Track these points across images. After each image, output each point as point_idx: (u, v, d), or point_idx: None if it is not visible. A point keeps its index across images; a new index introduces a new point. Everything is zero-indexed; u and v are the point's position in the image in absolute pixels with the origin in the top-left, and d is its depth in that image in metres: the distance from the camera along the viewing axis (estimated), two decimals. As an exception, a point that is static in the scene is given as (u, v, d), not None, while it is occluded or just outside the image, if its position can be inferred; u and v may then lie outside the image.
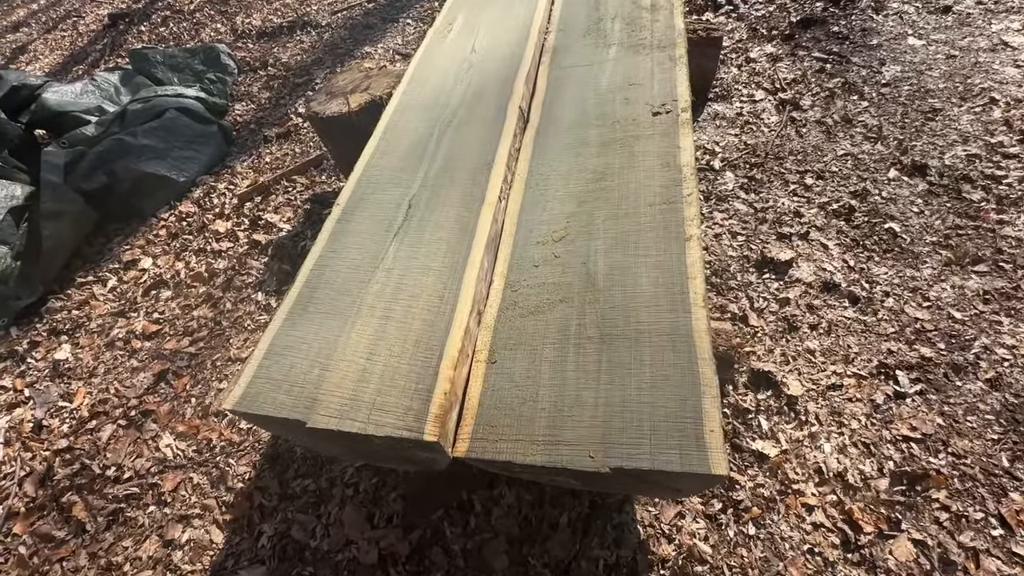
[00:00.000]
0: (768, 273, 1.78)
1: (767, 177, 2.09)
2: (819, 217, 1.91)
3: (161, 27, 5.18)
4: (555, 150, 1.65)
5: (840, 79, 2.39)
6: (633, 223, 1.40)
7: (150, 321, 2.18)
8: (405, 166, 1.67)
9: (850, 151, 2.10)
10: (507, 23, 2.20)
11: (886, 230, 1.82)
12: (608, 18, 2.08)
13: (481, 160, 1.61)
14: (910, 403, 1.43)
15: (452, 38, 2.20)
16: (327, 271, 1.45)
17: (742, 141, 2.26)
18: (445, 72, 2.01)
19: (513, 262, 1.40)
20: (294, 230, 2.35)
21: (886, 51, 2.46)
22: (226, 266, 2.28)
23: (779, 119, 2.31)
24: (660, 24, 1.96)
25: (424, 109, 1.88)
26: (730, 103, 2.44)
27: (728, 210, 2.01)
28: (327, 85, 2.20)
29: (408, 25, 3.84)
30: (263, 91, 3.64)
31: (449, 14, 2.36)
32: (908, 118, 2.16)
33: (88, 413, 1.87)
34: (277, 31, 4.27)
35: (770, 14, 2.85)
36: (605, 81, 1.83)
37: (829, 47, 2.56)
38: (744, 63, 2.62)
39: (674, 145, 1.54)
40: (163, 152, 2.80)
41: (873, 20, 2.63)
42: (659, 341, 1.18)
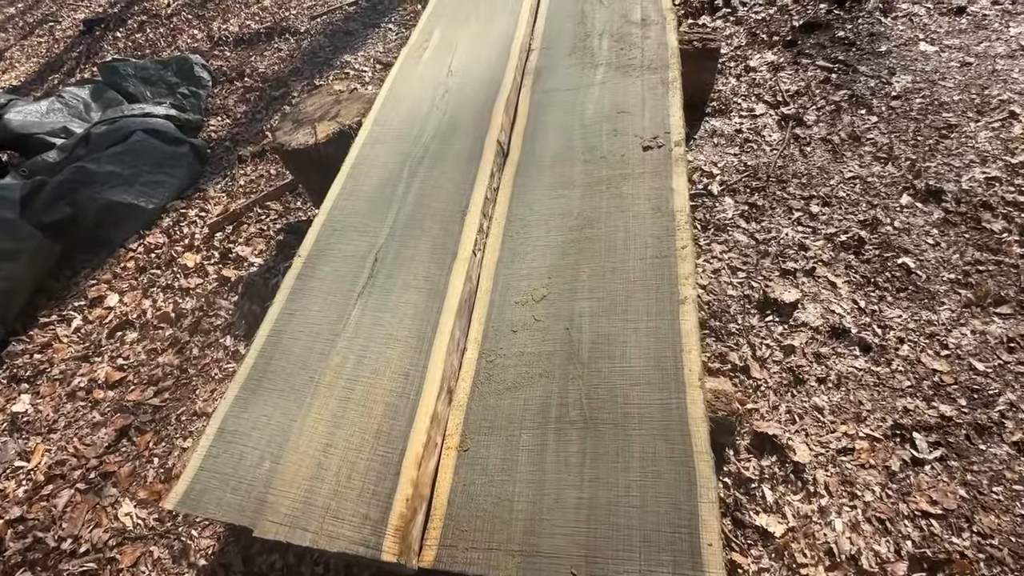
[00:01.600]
0: (771, 315, 1.65)
1: (769, 203, 1.94)
2: (826, 250, 1.76)
3: (137, 33, 5.00)
4: (537, 190, 1.51)
5: (847, 91, 2.22)
6: (621, 281, 1.26)
7: (114, 367, 2.05)
8: (373, 210, 1.53)
9: (859, 173, 1.95)
10: (487, 39, 2.04)
11: (899, 266, 1.68)
12: (595, 34, 1.91)
13: (454, 206, 1.46)
14: (929, 471, 1.30)
15: (428, 57, 2.04)
16: (284, 337, 1.31)
17: (742, 162, 2.11)
18: (419, 98, 1.85)
19: (489, 327, 1.27)
20: (266, 264, 2.21)
21: (896, 59, 2.29)
22: (194, 306, 2.15)
23: (781, 136, 2.15)
24: (651, 42, 1.80)
25: (395, 141, 1.73)
26: (728, 118, 2.28)
27: (727, 241, 1.86)
28: (294, 111, 2.04)
29: (390, 31, 3.66)
30: (239, 104, 3.47)
31: (425, 29, 2.20)
32: (921, 135, 2.00)
33: (45, 477, 1.75)
34: (255, 38, 4.09)
35: (770, 17, 2.67)
36: (591, 108, 1.67)
37: (834, 54, 2.39)
38: (743, 72, 2.46)
39: (666, 186, 1.40)
40: (130, 178, 2.65)
41: (881, 24, 2.46)
42: (650, 427, 1.05)
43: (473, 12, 2.23)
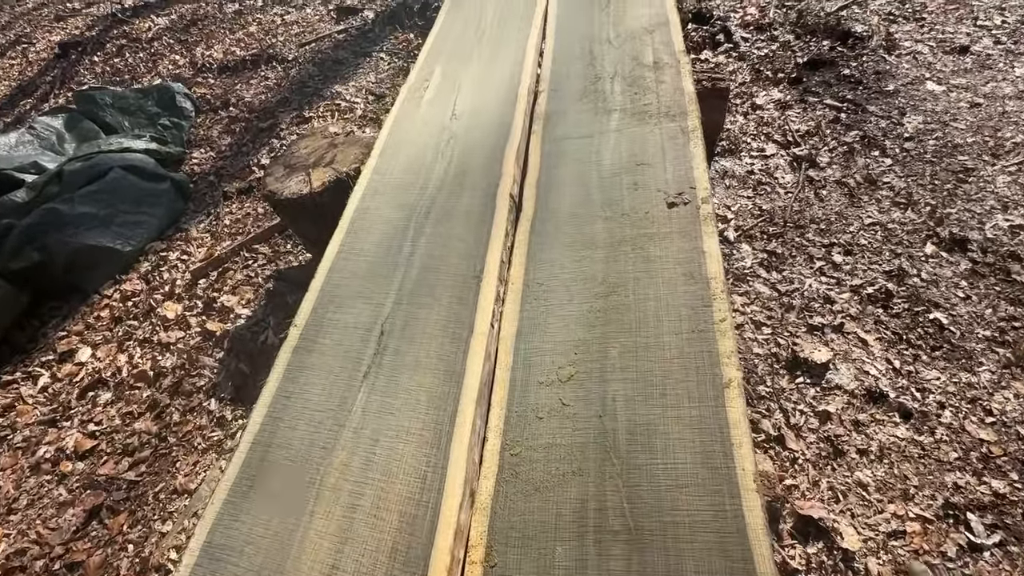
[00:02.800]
0: (802, 377, 1.55)
1: (789, 251, 1.86)
2: (853, 304, 1.68)
3: (116, 58, 4.82)
4: (555, 250, 1.40)
5: (858, 131, 2.18)
6: (656, 359, 1.15)
7: (85, 434, 1.87)
8: (375, 273, 1.40)
9: (878, 219, 1.89)
10: (492, 79, 1.95)
11: (931, 321, 1.60)
12: (606, 77, 1.83)
13: (467, 269, 1.34)
14: (989, 558, 1.21)
15: (429, 98, 1.93)
16: (281, 426, 1.16)
17: (756, 205, 2.03)
18: (422, 144, 1.74)
19: (512, 412, 1.14)
20: (254, 317, 2.06)
21: (905, 98, 2.26)
22: (175, 363, 1.98)
23: (795, 179, 2.09)
24: (667, 87, 1.72)
25: (398, 192, 1.61)
26: (739, 159, 2.22)
27: (749, 293, 1.78)
28: (286, 154, 1.91)
29: (381, 60, 3.56)
30: (224, 135, 3.33)
31: (425, 67, 2.10)
32: (938, 179, 1.96)
33: (2, 570, 1.55)
34: (240, 65, 3.95)
35: (773, 54, 2.64)
36: (608, 158, 1.58)
37: (842, 93, 2.35)
38: (751, 110, 2.41)
39: (697, 248, 1.30)
40: (106, 219, 2.48)
41: (886, 61, 2.44)
42: (704, 540, 0.93)
43: (475, 50, 2.14)
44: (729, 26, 2.79)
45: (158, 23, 5.14)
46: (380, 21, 3.99)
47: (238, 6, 5.00)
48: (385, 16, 4.04)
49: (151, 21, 5.21)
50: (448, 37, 2.26)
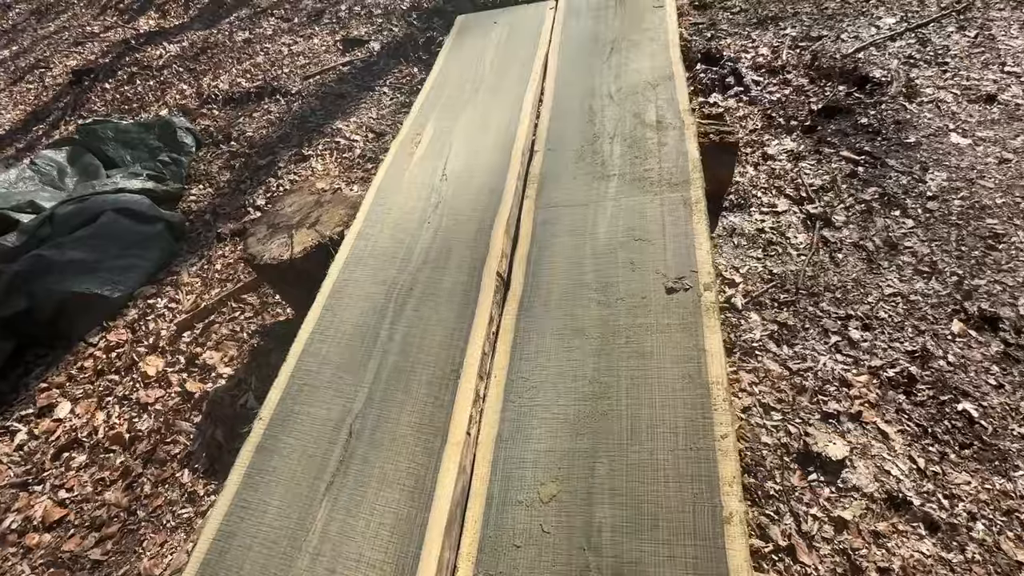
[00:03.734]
0: (816, 473, 1.41)
1: (801, 323, 1.73)
2: (872, 387, 1.55)
3: (126, 85, 4.87)
4: (544, 337, 1.29)
5: (877, 188, 2.05)
6: (648, 481, 1.03)
7: (55, 502, 1.79)
8: (351, 359, 1.30)
9: (899, 290, 1.75)
10: (486, 134, 1.86)
11: (959, 413, 1.46)
12: (606, 137, 1.73)
13: (446, 361, 1.24)
14: None
15: (420, 155, 1.85)
16: (234, 544, 1.06)
17: (767, 269, 1.91)
18: (409, 208, 1.65)
19: (486, 535, 1.02)
20: (235, 377, 1.97)
21: (927, 152, 2.13)
22: (151, 427, 1.90)
23: (808, 239, 1.96)
24: (669, 150, 1.62)
25: (381, 262, 1.52)
26: (749, 214, 2.09)
27: (757, 371, 1.65)
28: (271, 212, 1.84)
29: (384, 95, 3.52)
30: (223, 171, 3.29)
31: (418, 120, 2.02)
32: (965, 245, 1.82)
33: (-48, 659, 1.47)
34: (244, 97, 3.94)
35: (786, 99, 2.52)
36: (604, 231, 1.47)
37: (859, 144, 2.22)
38: (761, 160, 2.29)
39: (697, 346, 1.18)
40: (95, 265, 2.43)
41: (907, 110, 2.31)
42: None
43: (471, 99, 2.06)
44: (740, 68, 2.68)
45: (170, 50, 5.19)
46: (385, 53, 3.96)
47: (248, 34, 5.03)
48: (391, 48, 4.01)
49: (163, 48, 5.27)
50: (445, 85, 2.18)
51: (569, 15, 2.34)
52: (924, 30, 2.70)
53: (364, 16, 4.69)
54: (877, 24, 2.80)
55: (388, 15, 4.59)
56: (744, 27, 3.06)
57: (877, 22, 2.82)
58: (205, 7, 6.12)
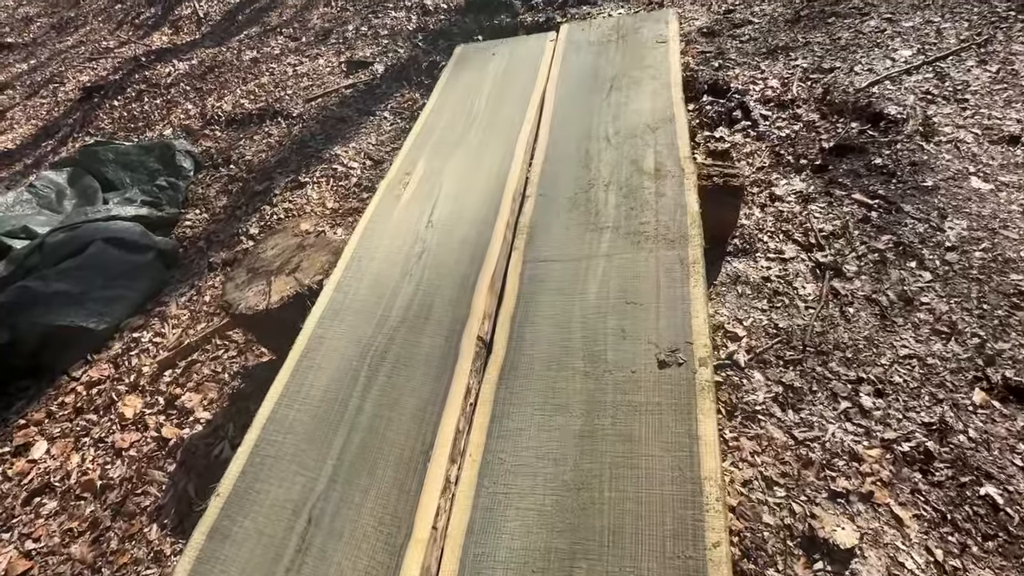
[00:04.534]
0: (822, 562, 1.29)
1: (808, 385, 1.62)
2: (885, 463, 1.42)
3: (134, 102, 4.90)
4: (524, 412, 1.19)
5: (891, 236, 1.93)
6: (631, 596, 0.92)
7: (20, 553, 1.72)
8: (317, 431, 1.21)
9: (915, 351, 1.63)
10: (476, 176, 1.78)
11: (982, 498, 1.33)
12: (601, 184, 1.64)
13: (416, 439, 1.15)
14: None
15: (408, 198, 1.77)
16: (175, 647, 0.97)
17: (772, 322, 1.80)
18: (392, 258, 1.57)
19: (448, 652, 0.93)
20: (213, 423, 1.90)
21: (945, 197, 2.01)
22: (123, 475, 1.82)
23: (817, 290, 1.85)
24: (667, 202, 1.52)
25: (358, 318, 1.43)
26: (754, 260, 1.99)
27: (759, 438, 1.53)
28: (251, 256, 1.77)
29: (384, 120, 3.47)
30: (220, 196, 3.26)
31: (409, 158, 1.95)
32: (987, 303, 1.69)
33: None
34: (247, 119, 3.92)
35: (796, 135, 2.42)
36: (595, 291, 1.38)
37: (873, 187, 2.11)
38: (768, 201, 2.18)
39: (690, 433, 1.07)
40: (81, 296, 2.38)
41: (924, 151, 2.19)
42: None
43: (464, 137, 1.98)
44: (747, 101, 2.59)
45: (178, 68, 5.22)
46: (389, 76, 3.92)
47: (255, 54, 5.05)
48: (394, 71, 3.98)
49: (172, 66, 5.30)
50: (439, 120, 2.11)
51: (569, 49, 2.27)
52: (942, 64, 2.59)
53: (371, 37, 4.68)
54: (892, 56, 2.70)
55: (394, 36, 4.58)
56: (753, 56, 2.97)
57: (892, 54, 2.71)
58: (217, 24, 6.18)
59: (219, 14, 6.33)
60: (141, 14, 7.10)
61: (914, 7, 3.00)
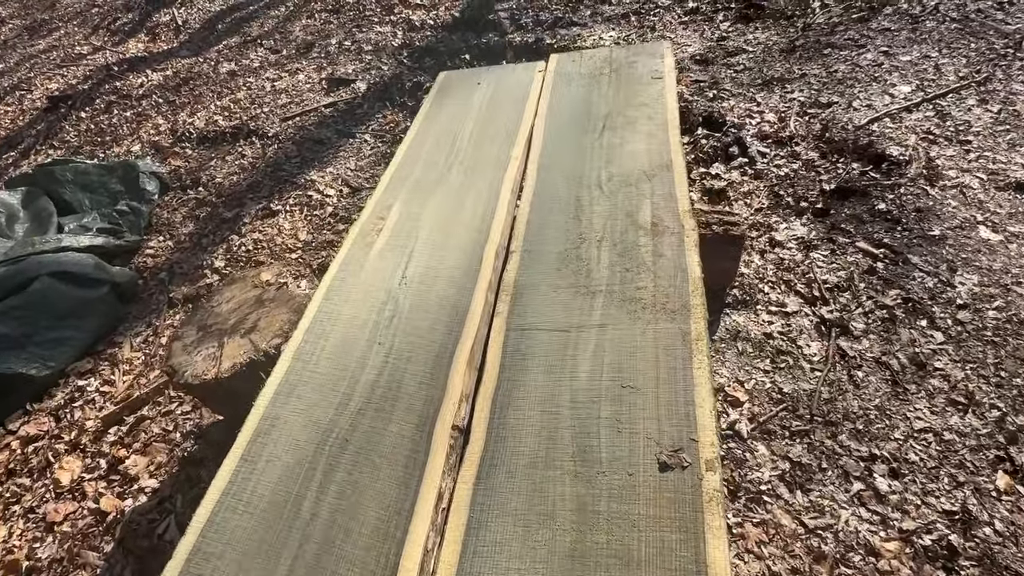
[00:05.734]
0: None
1: (818, 461, 1.48)
2: (904, 559, 1.29)
3: (103, 114, 4.67)
4: (504, 523, 1.02)
5: (899, 290, 1.82)
6: None
7: (-73, 650, 1.50)
8: (260, 544, 1.03)
9: (931, 424, 1.50)
10: (456, 224, 1.62)
11: (1014, 605, 1.20)
12: (593, 239, 1.50)
13: (378, 560, 0.98)
14: None
15: (381, 247, 1.61)
16: None
17: (776, 385, 1.66)
18: (360, 321, 1.40)
19: None
20: (159, 493, 1.70)
21: (954, 248, 1.91)
22: (53, 555, 1.61)
23: (823, 350, 1.72)
24: (666, 263, 1.38)
25: (318, 395, 1.26)
26: (755, 314, 1.86)
27: (766, 525, 1.39)
28: (204, 311, 1.59)
29: (365, 143, 3.30)
30: (186, 222, 3.05)
31: (384, 200, 1.79)
32: (1005, 370, 1.58)
33: None
34: (219, 137, 3.73)
35: (795, 174, 2.31)
36: (586, 369, 1.22)
37: (877, 234, 2.00)
38: (768, 247, 2.06)
39: (697, 559, 0.92)
40: (23, 340, 2.16)
41: (928, 195, 2.09)
42: None
43: (444, 177, 1.83)
44: (744, 136, 2.48)
45: (152, 79, 5.00)
46: (371, 95, 3.76)
47: (233, 66, 4.85)
48: (377, 90, 3.82)
49: (145, 76, 5.08)
50: (418, 156, 1.95)
51: (559, 81, 2.13)
52: (942, 101, 2.51)
53: (354, 52, 4.52)
54: (891, 92, 2.62)
55: (378, 52, 4.43)
56: (748, 87, 2.87)
57: (891, 89, 2.63)
58: (196, 32, 5.97)
59: (198, 22, 6.12)
60: (118, 19, 6.86)
61: (911, 40, 2.94)
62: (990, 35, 2.84)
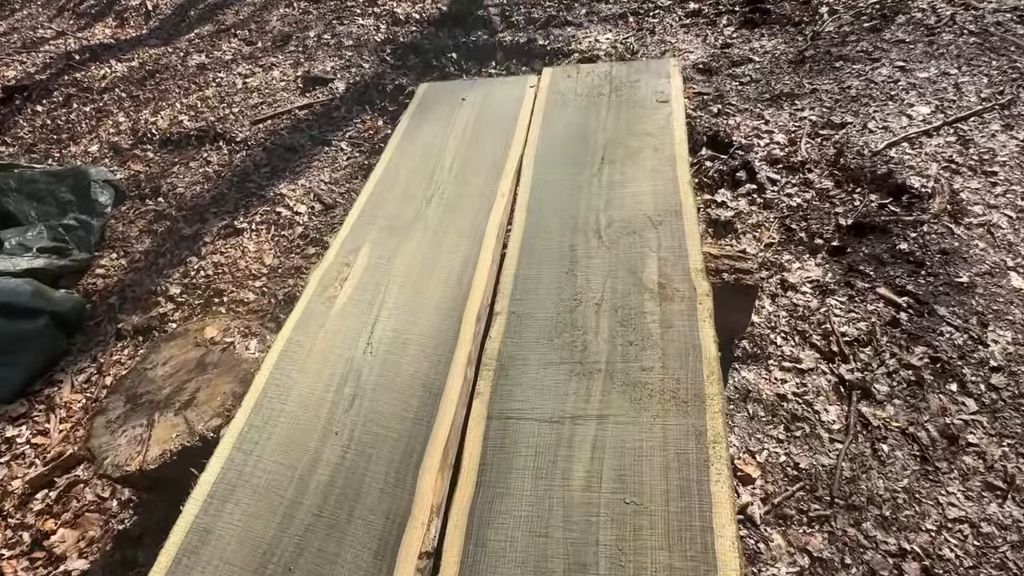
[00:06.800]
0: None
1: (840, 556, 1.31)
2: None
3: (61, 108, 4.34)
4: None
5: (926, 347, 1.64)
6: None
7: None
8: None
9: (966, 512, 1.34)
10: (432, 279, 1.40)
11: None
12: (590, 301, 1.29)
13: None
14: None
15: (345, 301, 1.39)
16: None
17: (791, 459, 1.48)
18: (315, 399, 1.18)
19: None
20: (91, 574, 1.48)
21: (983, 298, 1.74)
22: (-41, 656, 1.40)
23: (843, 416, 1.54)
24: (675, 336, 1.18)
25: (259, 504, 1.04)
26: (767, 370, 1.67)
27: (783, 636, 1.21)
28: (136, 374, 1.36)
29: (341, 152, 3.05)
30: (143, 237, 2.78)
31: (351, 240, 1.56)
32: (1046, 448, 1.41)
33: None
34: (184, 140, 3.43)
35: (808, 204, 2.12)
36: (581, 477, 1.02)
37: (899, 279, 1.82)
38: (780, 291, 1.87)
39: None
40: (-59, 382, 1.92)
41: (953, 235, 1.92)
42: None
43: (421, 214, 1.60)
44: (752, 160, 2.28)
45: (116, 70, 4.67)
46: (349, 98, 3.49)
47: (204, 58, 4.53)
48: (356, 91, 3.55)
49: (109, 67, 4.74)
50: (392, 187, 1.72)
51: (553, 102, 1.90)
52: (964, 125, 2.33)
53: (333, 47, 4.23)
54: (909, 113, 2.43)
55: (359, 47, 4.14)
56: (756, 103, 2.67)
57: (909, 110, 2.45)
58: (167, 18, 5.60)
59: (170, 7, 5.75)
60: (85, 0, 6.44)
61: (928, 55, 2.76)
62: (1012, 51, 2.67)
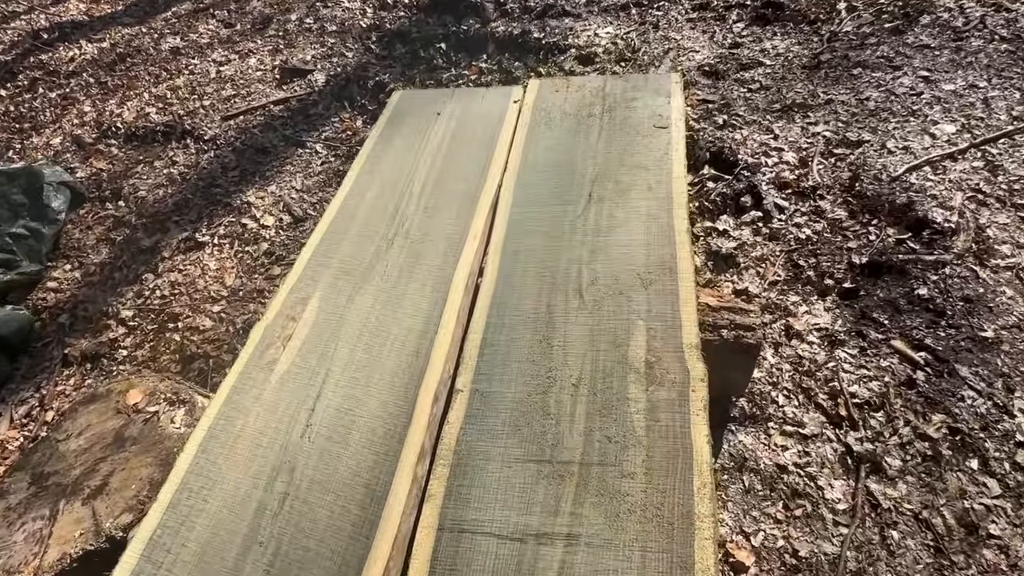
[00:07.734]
0: None
1: (840, 667, 1.16)
2: None
3: (25, 93, 4.09)
4: None
5: (944, 415, 1.47)
6: None
7: None
8: None
9: (985, 620, 1.19)
10: (387, 343, 1.22)
11: None
12: (567, 381, 1.11)
13: None
14: None
15: (284, 370, 1.21)
16: None
17: (790, 544, 1.33)
18: (238, 502, 1.01)
19: None
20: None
21: (1010, 356, 1.56)
22: None
23: (849, 494, 1.38)
24: (662, 433, 1.01)
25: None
26: (766, 434, 1.51)
27: None
28: (45, 444, 1.19)
29: (316, 154, 2.82)
30: (100, 246, 2.59)
31: (299, 288, 1.37)
32: (1077, 544, 1.26)
33: None
34: (150, 135, 3.20)
35: (819, 237, 1.93)
36: (545, 615, 0.86)
37: (917, 330, 1.64)
38: (784, 339, 1.70)
39: None
40: None
41: (978, 279, 1.73)
42: None
43: (381, 258, 1.41)
44: (758, 183, 2.07)
45: (85, 52, 4.39)
46: (328, 93, 3.24)
47: (178, 41, 4.25)
48: (336, 85, 3.30)
49: (78, 48, 4.46)
50: (352, 219, 1.52)
51: (537, 121, 1.69)
52: (992, 148, 2.12)
53: (315, 32, 3.95)
54: (932, 132, 2.22)
55: (343, 34, 3.87)
56: (765, 114, 2.45)
57: (932, 128, 2.23)
58: (142, -6, 5.28)
59: (147, -18, 5.41)
60: (56, -27, 6.06)
61: (954, 64, 2.52)
62: (1047, 62, 2.44)
